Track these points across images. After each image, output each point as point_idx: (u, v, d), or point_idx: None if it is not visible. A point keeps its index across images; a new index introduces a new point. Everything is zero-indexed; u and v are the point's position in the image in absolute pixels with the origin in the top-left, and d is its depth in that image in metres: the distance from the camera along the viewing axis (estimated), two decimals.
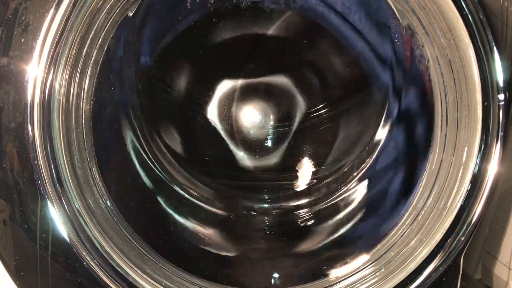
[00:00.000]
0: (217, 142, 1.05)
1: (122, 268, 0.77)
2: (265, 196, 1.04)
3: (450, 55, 0.76)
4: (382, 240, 0.85)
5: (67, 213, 0.74)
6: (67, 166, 0.75)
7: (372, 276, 0.82)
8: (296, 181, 1.03)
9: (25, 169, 0.72)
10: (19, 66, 0.70)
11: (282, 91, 1.01)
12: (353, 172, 1.03)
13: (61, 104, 0.74)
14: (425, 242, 0.79)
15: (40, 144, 0.71)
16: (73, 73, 0.76)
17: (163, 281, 0.80)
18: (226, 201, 1.03)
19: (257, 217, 1.03)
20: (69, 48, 0.73)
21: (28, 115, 0.71)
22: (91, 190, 0.79)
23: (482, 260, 0.85)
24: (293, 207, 1.04)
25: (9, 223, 0.74)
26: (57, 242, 0.74)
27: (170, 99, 1.02)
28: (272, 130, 1.02)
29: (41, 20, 0.69)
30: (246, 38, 1.02)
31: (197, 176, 1.04)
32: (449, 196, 0.78)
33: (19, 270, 0.76)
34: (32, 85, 0.70)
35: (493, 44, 0.72)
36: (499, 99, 0.73)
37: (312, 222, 1.00)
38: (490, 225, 0.81)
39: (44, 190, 0.72)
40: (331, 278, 0.86)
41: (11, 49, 0.70)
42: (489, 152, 0.75)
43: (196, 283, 0.85)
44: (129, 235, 0.82)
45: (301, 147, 1.03)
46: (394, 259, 0.82)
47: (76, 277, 0.76)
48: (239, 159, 1.06)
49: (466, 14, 0.71)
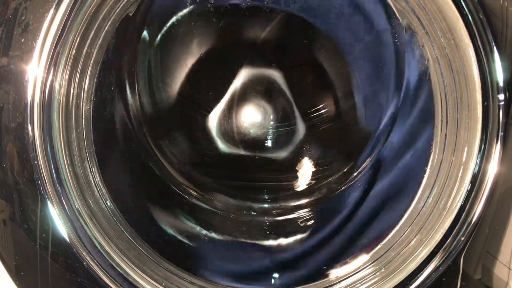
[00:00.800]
0: (217, 142, 1.05)
1: (122, 268, 0.77)
2: (265, 196, 1.04)
3: (450, 55, 0.76)
4: (382, 240, 0.85)
5: (67, 213, 0.74)
6: (67, 166, 0.75)
7: (372, 276, 0.82)
8: (296, 181, 1.03)
9: (25, 169, 0.72)
10: (19, 66, 0.70)
11: (282, 91, 1.01)
12: (353, 172, 1.03)
13: (61, 104, 0.74)
14: (425, 242, 0.79)
15: (40, 144, 0.71)
16: (73, 73, 0.76)
17: (163, 281, 0.80)
18: (226, 201, 1.03)
19: (257, 217, 1.03)
20: (69, 48, 0.73)
21: (28, 115, 0.71)
22: (91, 190, 0.79)
23: (482, 260, 0.85)
24: (293, 207, 1.04)
25: (9, 223, 0.74)
26: (57, 242, 0.74)
27: (170, 99, 1.02)
28: (272, 130, 1.02)
29: (41, 20, 0.69)
30: (246, 38, 1.02)
31: (197, 176, 1.04)
32: (449, 196, 0.78)
33: (19, 270, 0.76)
34: (32, 85, 0.70)
35: (493, 44, 0.72)
36: (499, 99, 0.73)
37: (312, 222, 1.00)
38: (490, 225, 0.81)
39: (44, 190, 0.72)
40: (331, 278, 0.86)
41: (11, 49, 0.70)
42: (489, 152, 0.75)
43: (196, 283, 0.85)
44: (129, 235, 0.82)
45: (301, 147, 1.03)
46: (394, 259, 0.82)
47: (76, 277, 0.76)
48: (239, 159, 1.06)
49: (466, 14, 0.71)
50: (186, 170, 1.03)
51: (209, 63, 1.03)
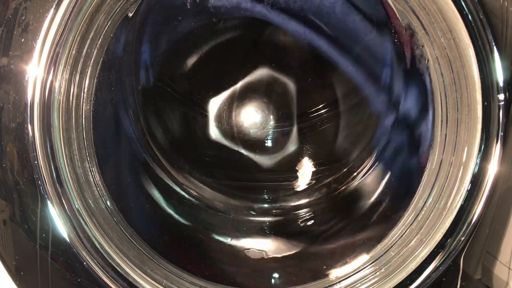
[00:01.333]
0: (217, 142, 1.05)
1: (122, 268, 0.77)
2: (265, 196, 1.04)
3: (450, 55, 0.76)
4: (382, 240, 0.85)
5: (67, 213, 0.74)
6: (67, 166, 0.75)
7: (372, 276, 0.82)
8: (296, 181, 1.04)
9: (25, 169, 0.72)
10: (19, 66, 0.70)
11: (282, 91, 1.01)
12: (353, 172, 1.03)
13: (61, 104, 0.74)
14: (425, 242, 0.79)
15: (40, 144, 0.71)
16: (73, 73, 0.76)
17: (163, 281, 0.80)
18: (226, 201, 1.03)
19: (257, 217, 1.03)
20: (69, 48, 0.73)
21: (28, 115, 0.71)
22: (91, 190, 0.79)
23: (482, 260, 0.85)
24: (293, 207, 1.04)
25: (9, 223, 0.74)
26: (57, 242, 0.74)
27: (170, 99, 1.02)
28: (272, 130, 1.02)
29: (41, 20, 0.69)
30: (246, 38, 1.02)
31: (197, 176, 1.04)
32: (449, 196, 0.78)
33: (19, 270, 0.76)
34: (32, 85, 0.70)
35: (493, 44, 0.72)
36: (499, 99, 0.73)
37: (312, 222, 1.00)
38: (490, 225, 0.81)
39: (44, 190, 0.72)
40: (331, 278, 0.86)
41: (11, 49, 0.70)
42: (489, 152, 0.75)
43: (196, 283, 0.85)
44: (129, 235, 0.83)
45: (301, 147, 1.03)
46: (394, 259, 0.82)
47: (76, 277, 0.76)
48: (239, 159, 1.06)
49: (466, 14, 0.71)
50: (186, 170, 1.03)
51: (209, 63, 1.03)
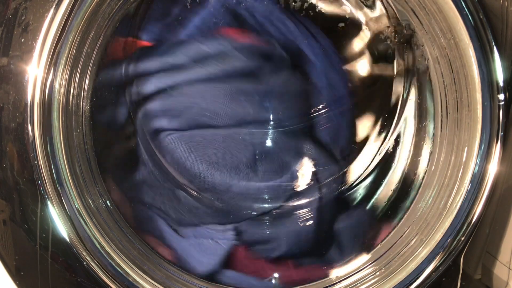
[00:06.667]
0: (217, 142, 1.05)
1: (122, 268, 0.77)
2: (265, 196, 1.04)
3: (450, 55, 0.76)
4: (382, 240, 0.85)
5: (67, 213, 0.74)
6: (67, 166, 0.75)
7: (372, 276, 0.82)
8: (296, 181, 1.03)
9: (25, 169, 0.72)
10: (19, 66, 0.70)
11: (282, 91, 1.01)
12: (353, 172, 1.03)
13: (61, 104, 0.74)
14: (425, 242, 0.79)
15: (40, 144, 0.71)
16: (73, 73, 0.76)
17: (163, 281, 0.80)
18: (226, 201, 1.03)
19: (257, 217, 1.03)
20: (69, 48, 0.73)
21: (28, 115, 0.71)
22: (91, 190, 0.79)
23: (482, 260, 0.85)
24: (293, 207, 1.04)
25: (9, 223, 0.74)
26: (57, 242, 0.74)
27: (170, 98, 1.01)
28: (272, 130, 1.02)
29: (41, 20, 0.69)
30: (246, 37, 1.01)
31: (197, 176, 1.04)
32: (449, 196, 0.78)
33: (19, 270, 0.76)
34: (32, 85, 0.70)
35: (493, 44, 0.72)
36: (499, 99, 0.73)
37: (312, 222, 1.00)
38: (490, 225, 0.81)
39: (44, 190, 0.72)
40: (331, 278, 0.86)
41: (11, 49, 0.70)
42: (489, 152, 0.75)
43: (196, 283, 0.85)
44: (129, 235, 0.83)
45: (301, 147, 1.03)
46: (394, 259, 0.82)
47: (76, 277, 0.76)
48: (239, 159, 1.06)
49: (466, 14, 0.71)
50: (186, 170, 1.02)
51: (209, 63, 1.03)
